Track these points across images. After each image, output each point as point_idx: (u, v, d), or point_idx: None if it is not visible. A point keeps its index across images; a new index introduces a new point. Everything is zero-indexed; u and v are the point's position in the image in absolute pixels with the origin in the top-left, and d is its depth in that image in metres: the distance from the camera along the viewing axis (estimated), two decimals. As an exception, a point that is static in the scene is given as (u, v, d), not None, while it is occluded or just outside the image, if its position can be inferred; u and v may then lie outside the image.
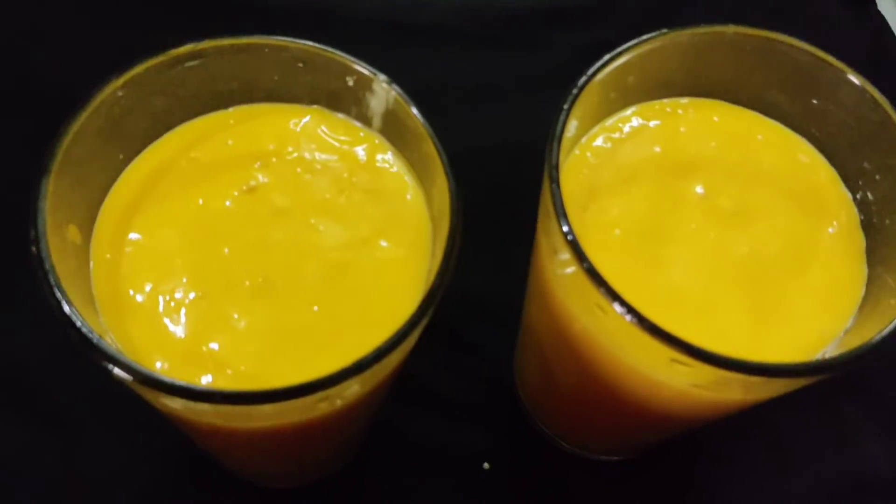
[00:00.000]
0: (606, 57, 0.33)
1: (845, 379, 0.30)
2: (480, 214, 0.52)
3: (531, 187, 0.50)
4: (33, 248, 0.26)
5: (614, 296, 0.28)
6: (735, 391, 0.31)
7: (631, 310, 0.27)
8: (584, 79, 0.32)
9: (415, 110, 0.31)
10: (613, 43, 0.59)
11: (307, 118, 0.34)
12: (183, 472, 0.43)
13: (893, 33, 0.61)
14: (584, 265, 0.28)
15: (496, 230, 0.52)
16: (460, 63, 0.59)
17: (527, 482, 0.45)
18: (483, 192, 0.53)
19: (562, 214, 0.29)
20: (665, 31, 0.34)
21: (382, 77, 0.32)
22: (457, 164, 0.33)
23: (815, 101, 0.35)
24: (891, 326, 0.28)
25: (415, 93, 0.33)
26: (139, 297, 0.30)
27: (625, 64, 0.33)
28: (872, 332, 0.29)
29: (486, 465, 0.45)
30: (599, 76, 0.32)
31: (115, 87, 0.29)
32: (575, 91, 0.32)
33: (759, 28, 0.35)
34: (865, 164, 0.34)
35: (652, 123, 0.36)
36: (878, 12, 0.62)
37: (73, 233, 0.29)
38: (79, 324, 0.25)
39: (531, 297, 0.39)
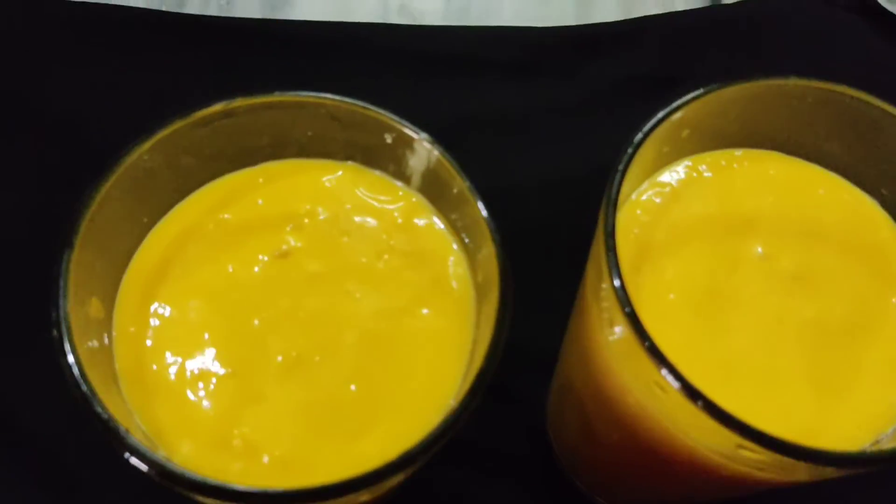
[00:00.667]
0: (662, 113, 0.30)
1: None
2: (511, 254, 0.50)
3: (564, 224, 0.48)
4: (55, 332, 0.24)
5: (679, 378, 0.26)
6: (801, 474, 0.29)
7: (698, 394, 0.25)
8: (639, 136, 0.30)
9: (461, 173, 0.29)
10: (641, 73, 0.58)
11: (340, 174, 0.32)
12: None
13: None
14: (646, 344, 0.26)
15: (528, 270, 0.50)
16: (487, 93, 0.57)
17: (562, 539, 0.43)
18: (513, 228, 0.51)
19: (619, 286, 0.27)
20: (721, 84, 0.32)
21: (424, 136, 0.30)
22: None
23: (878, 154, 0.33)
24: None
25: (440, 124, 0.31)
26: (165, 374, 0.28)
27: (680, 118, 0.31)
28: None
29: (519, 522, 0.43)
30: (655, 132, 0.30)
31: (140, 151, 0.27)
32: (630, 150, 0.30)
33: (815, 77, 0.33)
34: (933, 222, 0.32)
35: (705, 177, 0.34)
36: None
37: (95, 307, 0.27)
38: (105, 417, 0.23)
39: (573, 356, 0.37)
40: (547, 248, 0.50)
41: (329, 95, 0.29)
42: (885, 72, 0.58)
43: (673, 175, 0.34)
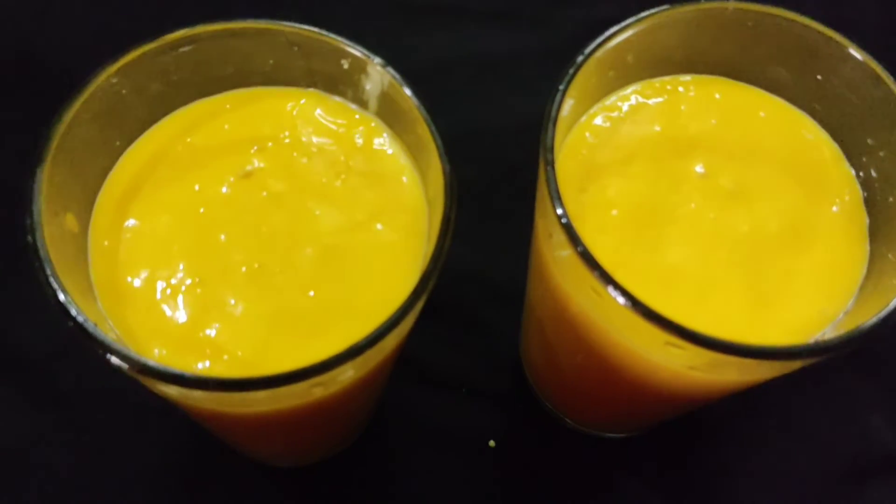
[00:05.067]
0: (603, 36, 0.32)
1: (851, 354, 0.30)
2: (487, 192, 0.52)
3: (536, 164, 0.50)
4: (29, 238, 0.26)
5: (608, 279, 0.28)
6: (731, 373, 0.31)
7: (625, 293, 0.27)
8: (580, 58, 0.32)
9: (409, 93, 0.31)
10: (618, 19, 0.59)
11: (303, 101, 0.34)
12: (191, 453, 0.44)
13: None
14: (579, 248, 0.28)
15: (502, 208, 0.52)
16: (465, 41, 0.58)
17: (532, 459, 0.46)
18: (489, 169, 0.53)
19: (556, 197, 0.29)
20: (665, 7, 0.33)
21: (377, 60, 0.31)
22: (462, 142, 0.32)
23: (818, 77, 0.34)
24: (888, 309, 0.27)
25: (418, 71, 0.33)
26: (137, 284, 0.30)
27: (623, 42, 0.33)
28: (873, 311, 0.29)
29: (491, 443, 0.46)
30: (596, 55, 0.32)
31: (108, 74, 0.29)
32: (571, 71, 0.31)
33: (762, 3, 0.34)
34: (869, 141, 0.34)
35: (652, 101, 0.36)
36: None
37: (70, 221, 0.29)
38: (74, 312, 0.26)
39: (531, 277, 0.39)
40: (519, 186, 0.52)
41: (287, 23, 0.31)
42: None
43: (621, 99, 0.35)
